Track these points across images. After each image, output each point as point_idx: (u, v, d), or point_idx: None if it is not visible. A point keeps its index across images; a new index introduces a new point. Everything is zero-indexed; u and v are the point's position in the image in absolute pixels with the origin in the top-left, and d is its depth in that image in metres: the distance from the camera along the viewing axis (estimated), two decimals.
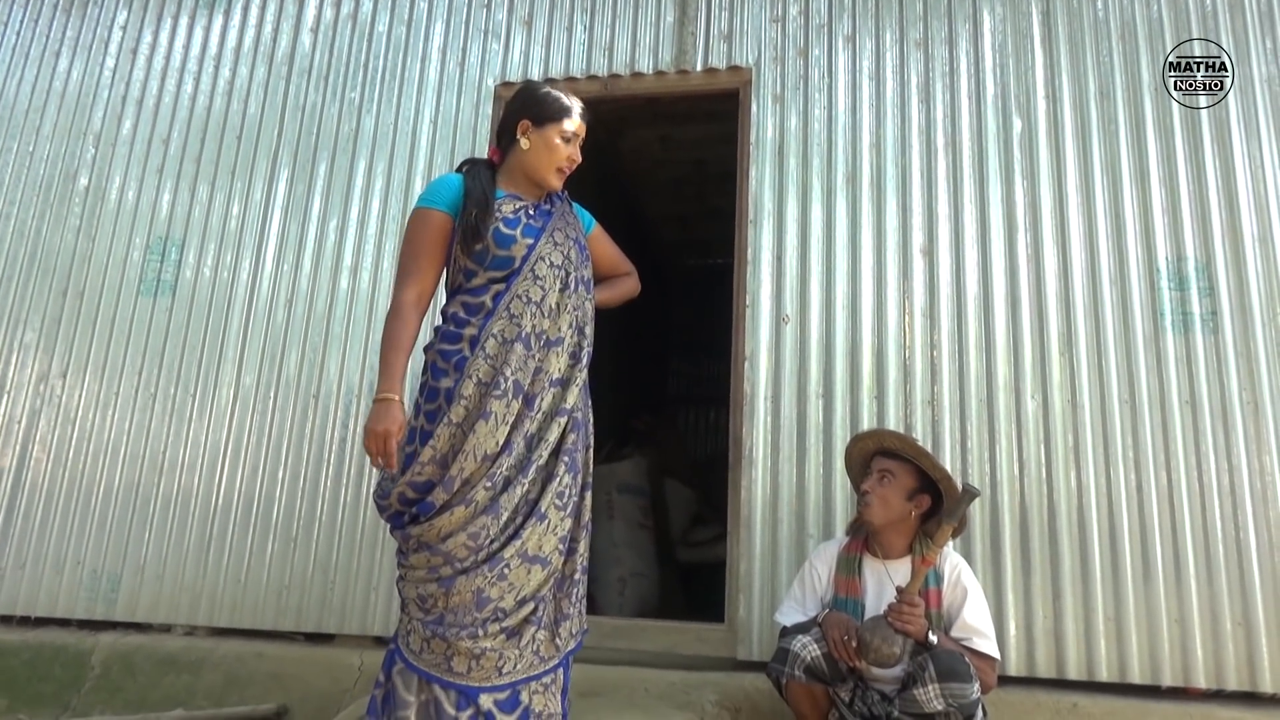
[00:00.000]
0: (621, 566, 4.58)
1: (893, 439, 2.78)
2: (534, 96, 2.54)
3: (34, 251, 4.30)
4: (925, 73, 3.72)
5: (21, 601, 3.85)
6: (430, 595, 2.25)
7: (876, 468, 2.77)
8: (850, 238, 3.60)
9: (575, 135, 2.53)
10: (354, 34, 4.29)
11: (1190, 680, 3.02)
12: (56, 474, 3.98)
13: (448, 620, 2.23)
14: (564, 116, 2.50)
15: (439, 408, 2.31)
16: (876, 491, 2.71)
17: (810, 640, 2.64)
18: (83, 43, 4.60)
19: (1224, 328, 3.27)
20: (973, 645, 2.59)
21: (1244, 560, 3.08)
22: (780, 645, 2.67)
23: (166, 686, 3.47)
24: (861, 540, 2.82)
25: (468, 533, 2.23)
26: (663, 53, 3.97)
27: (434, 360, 2.38)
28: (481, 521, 2.23)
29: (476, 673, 2.25)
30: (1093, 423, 3.26)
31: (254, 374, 3.93)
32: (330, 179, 4.11)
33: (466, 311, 2.39)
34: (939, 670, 2.47)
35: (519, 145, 2.51)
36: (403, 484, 2.28)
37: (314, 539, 3.69)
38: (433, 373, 2.36)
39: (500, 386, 2.29)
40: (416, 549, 2.26)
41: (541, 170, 2.51)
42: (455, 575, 2.23)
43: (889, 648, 2.46)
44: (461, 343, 2.35)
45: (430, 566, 2.25)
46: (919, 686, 2.49)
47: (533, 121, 2.50)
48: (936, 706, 2.45)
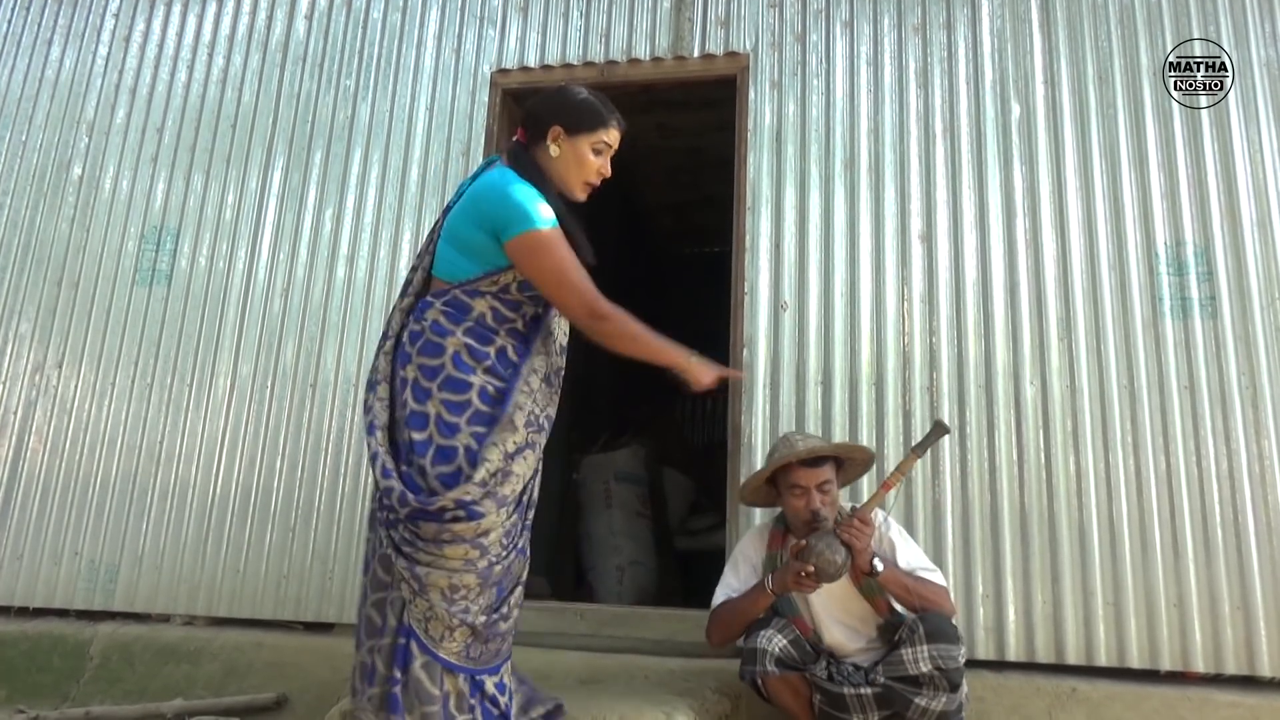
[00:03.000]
0: (620, 555, 4.59)
1: (815, 450, 2.72)
2: (570, 102, 2.41)
3: (28, 242, 4.28)
4: (923, 58, 3.70)
5: (20, 592, 3.85)
6: (464, 585, 2.23)
7: (809, 482, 2.69)
8: (848, 224, 3.59)
9: (609, 148, 2.41)
10: (349, 21, 4.26)
11: (1189, 664, 3.03)
12: (53, 464, 3.97)
13: (473, 609, 2.24)
14: (600, 127, 2.39)
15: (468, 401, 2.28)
16: (826, 504, 2.70)
17: (773, 632, 2.67)
18: (75, 31, 4.56)
19: (1223, 313, 3.26)
20: (921, 576, 2.65)
21: (1242, 544, 3.08)
22: (746, 647, 2.69)
23: (166, 676, 3.46)
24: (782, 533, 2.83)
25: (503, 530, 2.27)
26: (659, 39, 3.95)
27: (459, 351, 2.29)
28: (513, 520, 2.30)
29: (485, 657, 2.29)
30: (1091, 408, 3.26)
31: (251, 364, 3.92)
32: (326, 168, 4.09)
33: (496, 319, 2.33)
34: (928, 631, 2.51)
35: (548, 150, 2.40)
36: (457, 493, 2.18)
37: (312, 528, 3.69)
38: (456, 364, 2.28)
39: (538, 423, 2.34)
40: (452, 541, 2.20)
41: (569, 183, 2.41)
42: (490, 566, 2.25)
43: (832, 554, 2.53)
44: (491, 346, 2.31)
45: (467, 559, 2.22)
46: (906, 647, 2.52)
47: (565, 129, 2.38)
48: (923, 668, 2.48)
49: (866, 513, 2.60)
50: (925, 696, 2.49)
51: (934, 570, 2.72)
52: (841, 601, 2.74)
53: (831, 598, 2.74)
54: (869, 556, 2.57)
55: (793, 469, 2.72)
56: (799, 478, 2.71)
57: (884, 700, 2.57)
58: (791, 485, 2.73)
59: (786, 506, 2.78)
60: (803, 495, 2.70)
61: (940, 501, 3.27)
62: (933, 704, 2.48)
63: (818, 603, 2.76)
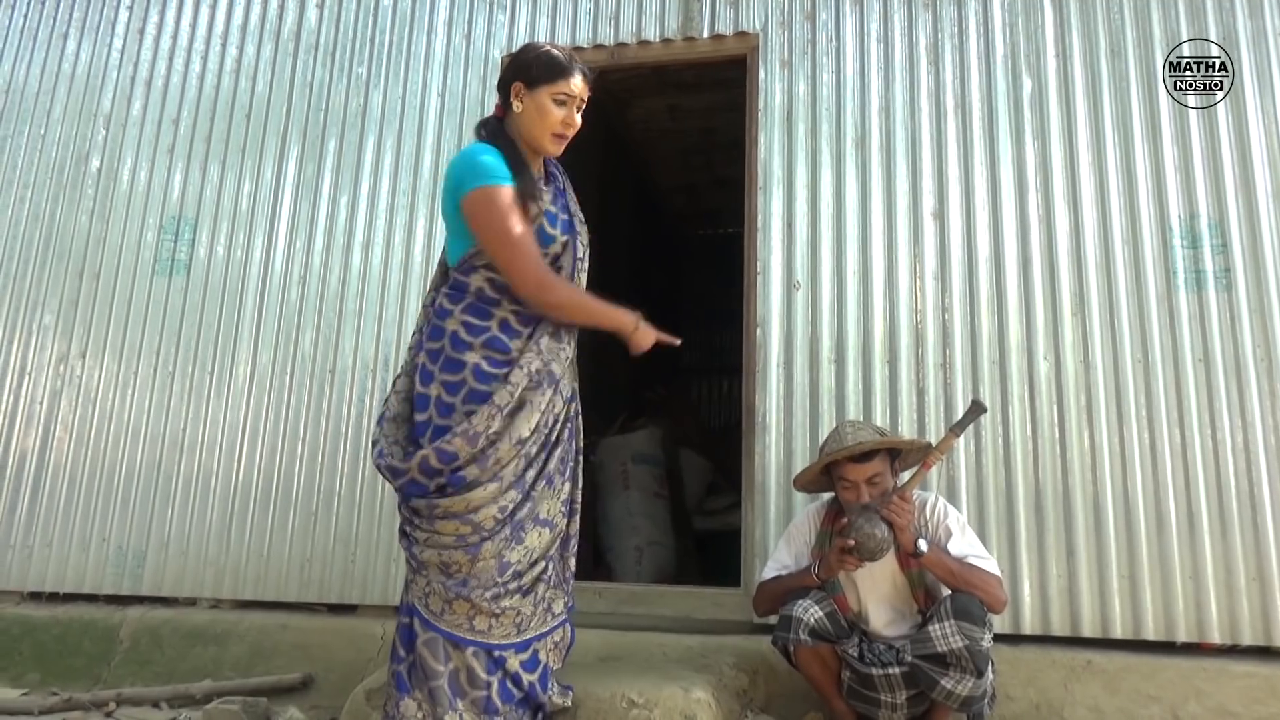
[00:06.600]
0: (638, 535, 4.62)
1: (867, 444, 2.69)
2: (526, 57, 2.43)
3: (49, 234, 4.34)
4: (934, 34, 3.68)
5: (50, 578, 3.93)
6: (455, 561, 2.27)
7: (858, 477, 2.67)
8: (860, 203, 3.59)
9: (572, 98, 2.40)
10: (359, 8, 4.28)
11: (1205, 636, 3.04)
12: (79, 453, 4.04)
13: (471, 583, 2.27)
14: (559, 78, 2.38)
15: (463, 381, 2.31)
16: (876, 497, 2.66)
17: (811, 603, 2.68)
18: (90, 24, 4.60)
19: (1238, 285, 3.25)
20: (973, 562, 2.61)
21: (1258, 515, 3.08)
22: (782, 613, 2.71)
23: (194, 658, 3.54)
24: (836, 513, 2.83)
25: (498, 505, 2.28)
26: (669, 20, 3.95)
27: (456, 330, 2.33)
28: (510, 495, 2.30)
29: (497, 630, 2.31)
30: (1106, 382, 3.26)
31: (270, 352, 3.97)
32: (340, 156, 4.12)
33: (494, 289, 2.35)
34: (954, 608, 2.52)
35: (513, 109, 2.42)
36: (428, 450, 2.24)
37: (334, 512, 3.74)
38: (454, 343, 2.32)
39: (541, 378, 2.34)
40: (443, 517, 2.25)
41: (536, 136, 2.41)
42: (482, 542, 2.27)
43: (872, 529, 2.54)
44: (490, 320, 2.34)
45: (458, 535, 2.26)
46: (934, 623, 2.54)
47: (525, 84, 2.39)
48: (951, 644, 2.49)
49: (908, 491, 2.61)
50: (951, 679, 2.50)
51: (987, 559, 2.65)
52: (889, 587, 2.74)
53: (879, 582, 2.74)
54: (912, 536, 2.57)
55: (841, 463, 2.70)
56: (847, 472, 2.69)
57: (911, 679, 2.59)
58: (840, 479, 2.73)
59: (840, 496, 2.79)
60: (852, 489, 2.70)
61: (955, 478, 3.28)
62: (958, 687, 2.50)
63: (864, 586, 2.76)
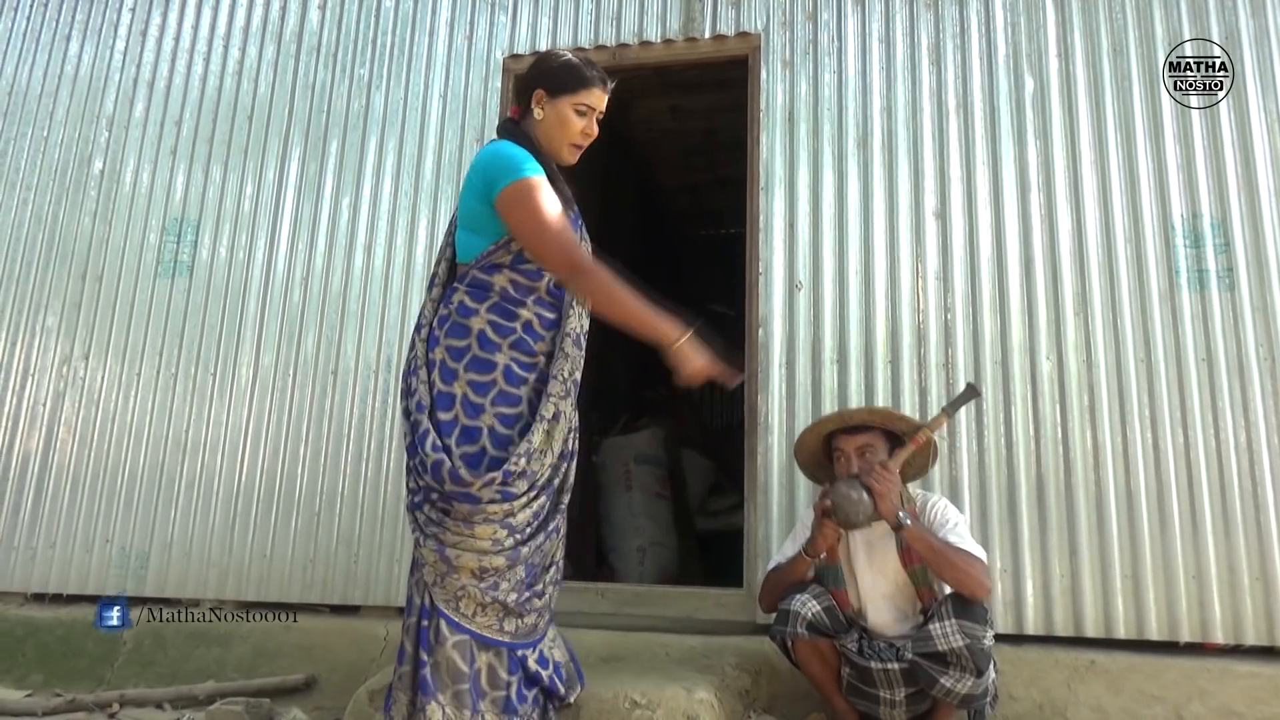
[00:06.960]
0: (641, 536, 4.62)
1: (858, 415, 2.85)
2: (551, 65, 2.46)
3: (52, 236, 4.34)
4: (936, 34, 3.68)
5: (54, 579, 3.93)
6: (493, 566, 2.26)
7: (847, 446, 2.78)
8: (862, 203, 3.59)
9: (593, 110, 2.44)
10: (361, 9, 4.28)
11: (1208, 635, 3.04)
12: (82, 455, 4.05)
13: (503, 586, 2.27)
14: (581, 88, 2.41)
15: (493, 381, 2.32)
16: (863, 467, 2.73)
17: (809, 597, 2.69)
18: (92, 26, 4.61)
19: (1240, 284, 3.24)
20: (956, 544, 2.60)
21: (1261, 515, 3.07)
22: (780, 608, 2.72)
23: (197, 659, 3.54)
24: None
25: (532, 510, 2.30)
26: (671, 21, 3.95)
27: (484, 329, 2.32)
28: (540, 501, 2.33)
29: (522, 630, 2.33)
30: (1108, 382, 3.26)
31: (273, 353, 3.97)
32: (342, 157, 4.12)
33: (518, 290, 2.36)
34: (956, 606, 2.53)
35: (533, 115, 2.44)
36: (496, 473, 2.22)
37: (337, 513, 3.74)
38: (482, 343, 2.32)
39: (570, 388, 2.37)
40: (484, 522, 2.24)
41: (555, 145, 2.44)
42: (517, 546, 2.28)
43: (848, 490, 2.59)
44: (516, 321, 2.34)
45: (494, 539, 2.26)
46: (935, 622, 2.54)
47: (548, 91, 2.42)
48: (952, 643, 2.49)
49: (892, 463, 2.67)
50: (951, 677, 2.50)
51: (971, 542, 2.64)
52: (891, 585, 2.75)
53: (880, 579, 2.75)
54: (893, 507, 2.58)
55: (836, 435, 2.82)
56: (838, 441, 2.81)
57: (910, 676, 2.59)
58: (834, 449, 2.83)
59: (835, 471, 2.85)
60: (843, 458, 2.79)
61: (957, 478, 3.28)
62: (958, 686, 2.49)
63: (865, 583, 2.77)
